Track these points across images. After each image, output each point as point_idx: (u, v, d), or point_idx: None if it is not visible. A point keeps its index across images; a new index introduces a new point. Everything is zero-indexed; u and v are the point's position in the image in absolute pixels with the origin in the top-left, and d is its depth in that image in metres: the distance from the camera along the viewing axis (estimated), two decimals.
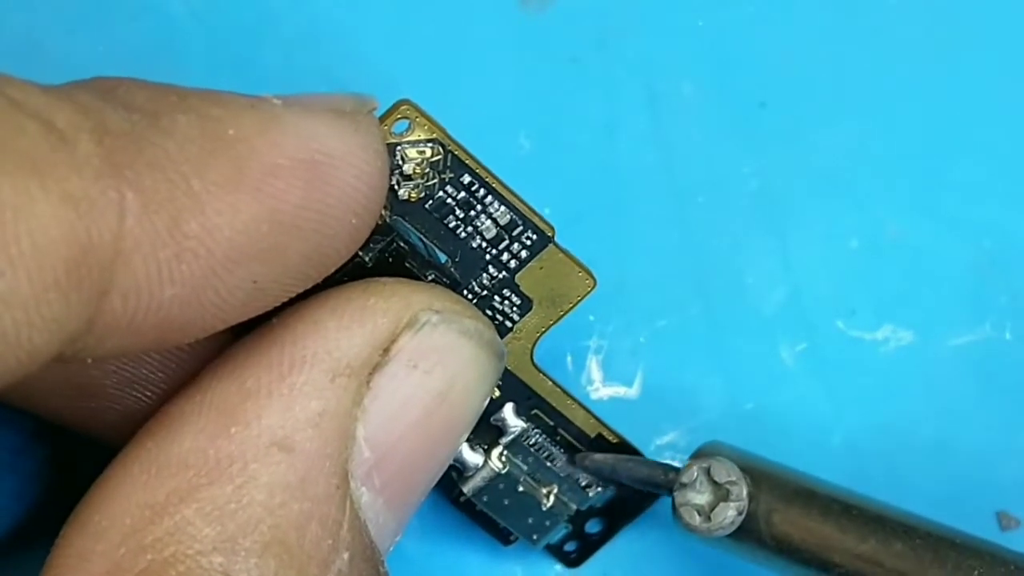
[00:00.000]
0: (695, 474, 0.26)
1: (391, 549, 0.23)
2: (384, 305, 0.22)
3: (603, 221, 0.31)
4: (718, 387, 0.30)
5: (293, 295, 0.22)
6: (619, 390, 0.30)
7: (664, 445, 0.30)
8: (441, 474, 0.24)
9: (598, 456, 0.27)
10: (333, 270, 0.22)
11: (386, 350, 0.22)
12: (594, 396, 0.30)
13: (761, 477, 0.26)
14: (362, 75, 0.31)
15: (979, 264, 0.30)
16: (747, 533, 0.26)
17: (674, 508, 0.26)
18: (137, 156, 0.19)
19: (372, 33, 0.31)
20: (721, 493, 0.26)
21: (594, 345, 0.30)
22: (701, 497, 0.26)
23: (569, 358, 0.29)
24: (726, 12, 0.31)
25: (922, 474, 0.30)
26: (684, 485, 0.26)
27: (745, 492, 0.26)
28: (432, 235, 0.25)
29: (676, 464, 0.27)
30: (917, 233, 0.31)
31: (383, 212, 0.24)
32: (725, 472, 0.26)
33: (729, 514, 0.25)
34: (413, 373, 0.22)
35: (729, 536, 0.26)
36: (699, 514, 0.26)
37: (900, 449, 0.30)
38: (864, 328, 0.30)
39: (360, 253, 0.24)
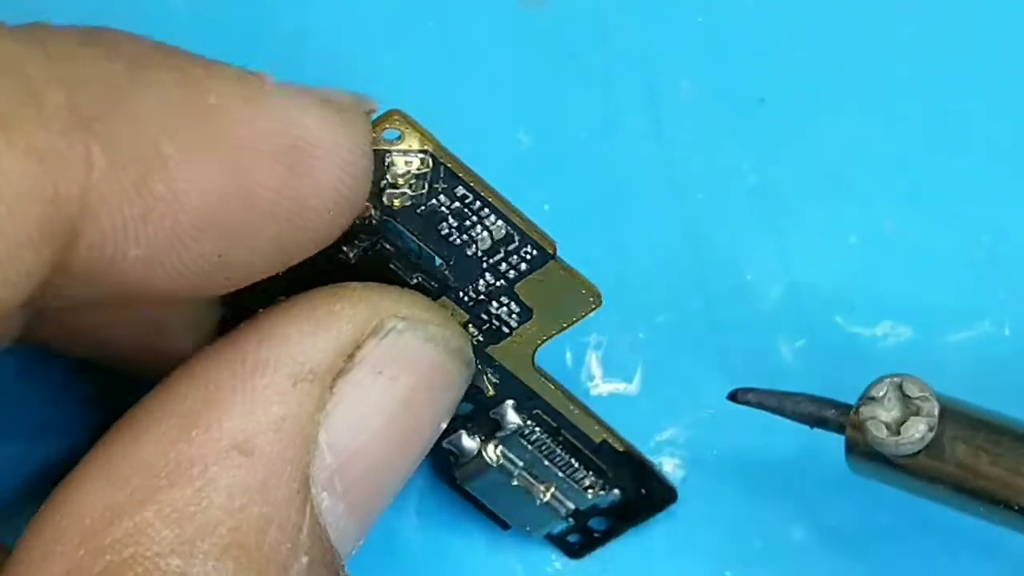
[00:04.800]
0: (885, 389, 0.25)
1: (353, 554, 0.23)
2: (350, 311, 0.23)
3: (602, 217, 0.31)
4: (718, 383, 0.30)
5: (260, 278, 0.22)
6: (619, 386, 0.30)
7: (664, 441, 0.30)
8: (407, 480, 0.23)
9: (761, 392, 0.27)
10: (301, 259, 0.22)
11: (351, 356, 0.22)
12: (594, 392, 0.30)
13: (947, 406, 0.25)
14: (361, 72, 0.31)
15: (978, 260, 0.30)
16: (932, 456, 0.25)
17: (858, 425, 0.25)
18: (109, 108, 0.19)
19: (372, 30, 0.31)
20: (912, 409, 0.25)
21: (593, 341, 0.30)
22: (888, 413, 0.25)
23: (568, 354, 0.29)
24: (725, 8, 0.31)
25: None
26: (872, 399, 0.25)
27: (936, 409, 0.25)
28: (426, 239, 0.24)
29: (837, 400, 0.26)
30: (916, 229, 0.30)
31: (372, 212, 0.24)
32: (917, 388, 0.25)
33: (920, 427, 0.24)
34: (378, 379, 0.22)
35: (910, 459, 0.25)
36: (887, 429, 0.25)
37: None
38: (863, 324, 0.30)
39: (345, 249, 0.24)
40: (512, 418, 0.27)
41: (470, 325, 0.26)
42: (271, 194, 0.21)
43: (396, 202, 0.24)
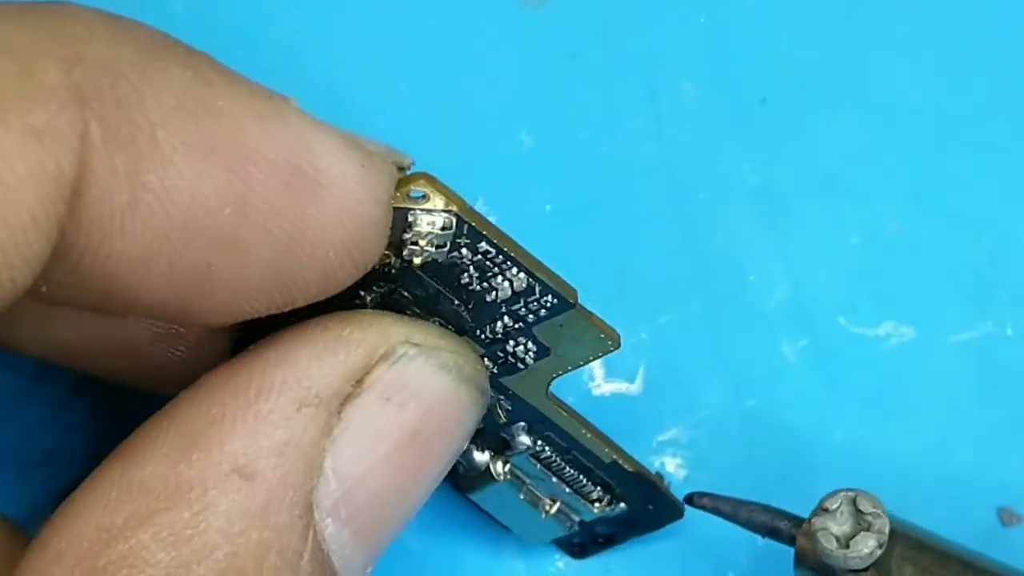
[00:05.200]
0: (839, 502, 0.25)
1: None
2: (360, 336, 0.22)
3: (604, 217, 0.31)
4: (720, 383, 0.30)
5: (256, 312, 0.22)
6: (621, 386, 0.30)
7: (666, 441, 0.30)
8: (418, 509, 0.23)
9: (717, 497, 0.27)
10: (299, 303, 0.22)
11: (359, 381, 0.22)
12: (596, 392, 0.30)
13: (897, 527, 0.26)
14: (363, 73, 0.31)
15: (980, 260, 0.30)
16: (880, 574, 0.25)
17: (807, 534, 0.26)
18: (107, 90, 0.19)
19: (373, 31, 0.31)
20: (863, 524, 0.25)
21: None
22: (840, 527, 0.25)
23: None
24: (726, 8, 0.31)
25: (924, 470, 0.30)
26: (826, 511, 0.25)
27: (887, 527, 0.25)
28: (445, 286, 0.24)
29: (790, 512, 0.27)
30: (918, 229, 0.30)
31: (392, 260, 0.23)
32: (871, 504, 0.25)
33: (870, 543, 0.25)
34: (386, 406, 0.22)
35: (858, 574, 0.25)
36: (837, 542, 0.25)
37: (901, 445, 0.30)
38: (865, 324, 0.30)
39: (362, 293, 0.24)
40: (523, 439, 0.26)
41: (485, 359, 0.25)
42: (267, 209, 0.20)
43: (416, 260, 0.23)
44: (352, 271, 0.22)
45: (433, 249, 0.23)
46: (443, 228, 0.23)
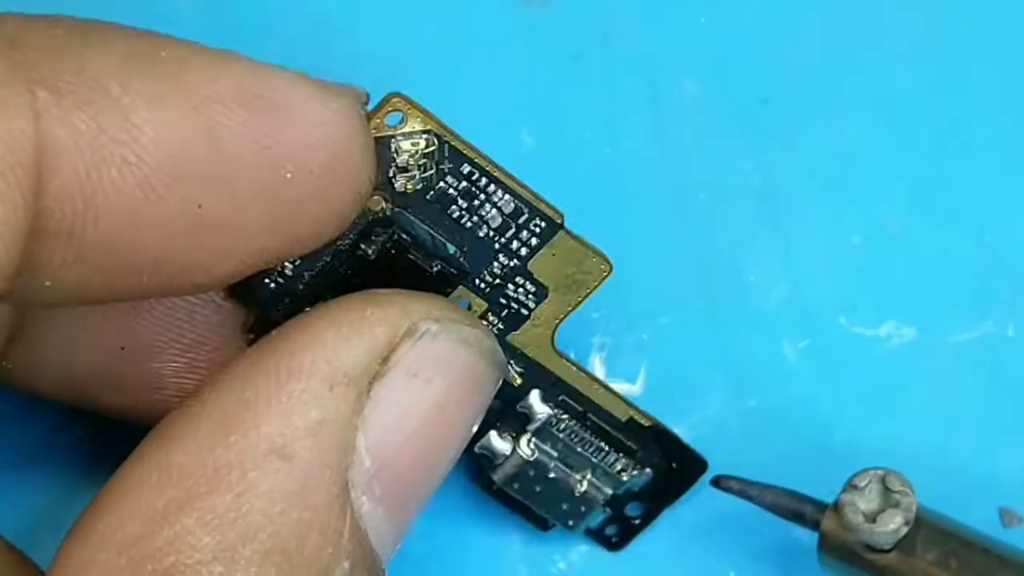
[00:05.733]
0: (868, 480, 0.26)
1: (391, 558, 0.22)
2: (381, 315, 0.22)
3: (605, 218, 0.31)
4: (721, 383, 0.30)
5: (253, 256, 0.22)
6: (622, 386, 0.30)
7: None
8: (441, 483, 0.23)
9: (743, 481, 0.27)
10: (303, 230, 0.22)
11: (385, 359, 0.22)
12: None
13: (923, 512, 0.26)
14: (364, 73, 0.30)
15: (981, 260, 0.30)
16: (904, 553, 0.26)
17: (835, 512, 0.26)
18: (49, 62, 0.19)
19: (374, 31, 0.31)
20: (891, 502, 0.26)
21: (597, 342, 0.30)
22: (867, 503, 0.26)
23: (573, 354, 0.29)
24: (728, 9, 0.31)
25: (925, 470, 0.30)
26: (855, 487, 0.26)
27: (915, 506, 0.26)
28: (438, 226, 0.25)
29: (817, 498, 0.27)
30: (919, 229, 0.31)
31: (384, 204, 0.24)
32: (899, 483, 0.26)
33: (897, 519, 0.25)
34: (413, 383, 0.22)
35: (882, 554, 0.26)
36: (864, 517, 0.26)
37: (903, 445, 0.30)
38: (866, 324, 0.30)
39: (363, 246, 0.24)
40: (539, 408, 0.27)
41: (490, 314, 0.26)
42: (237, 138, 0.21)
43: (409, 185, 0.24)
44: (340, 188, 0.22)
45: (420, 173, 0.24)
46: (426, 147, 0.24)
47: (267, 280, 0.25)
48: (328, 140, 0.22)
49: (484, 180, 0.25)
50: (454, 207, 0.25)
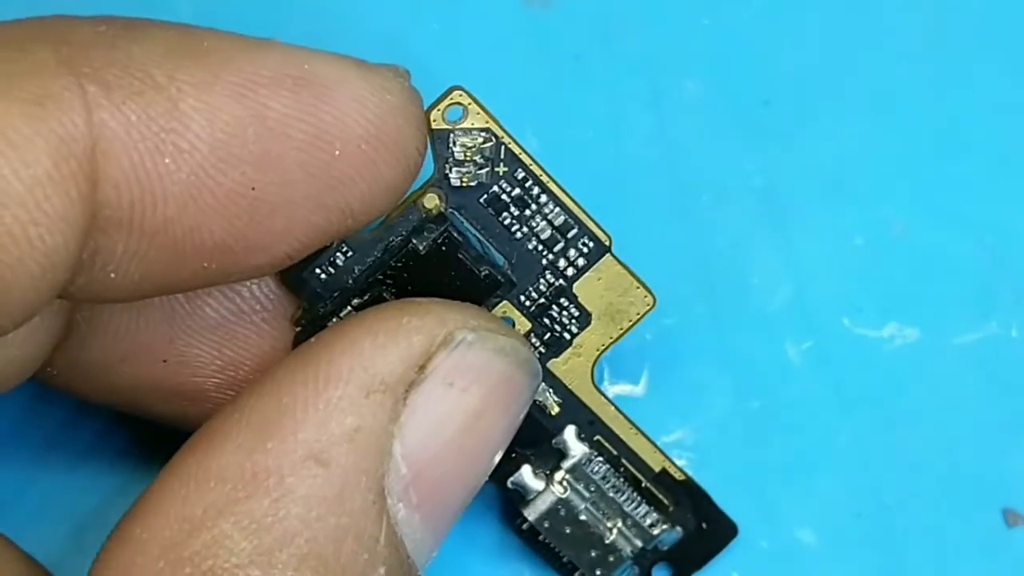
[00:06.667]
0: None
1: (428, 565, 0.23)
2: (418, 323, 0.22)
3: (607, 219, 0.30)
4: (724, 385, 0.30)
5: (313, 233, 0.22)
6: (625, 388, 0.30)
7: (671, 443, 0.30)
8: (477, 491, 0.23)
9: None
10: (356, 205, 0.22)
11: (422, 367, 0.22)
12: None
13: None
14: None
15: (985, 261, 0.30)
16: None
17: None
18: (96, 57, 0.20)
19: (375, 30, 0.31)
20: None
21: None
22: None
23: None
24: (730, 10, 0.31)
25: (928, 471, 0.30)
26: None
27: None
28: (488, 233, 0.25)
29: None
30: (922, 230, 0.31)
31: (439, 202, 0.25)
32: None
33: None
34: (449, 391, 0.22)
35: None
36: None
37: (906, 446, 0.30)
38: (870, 326, 0.30)
39: (414, 240, 0.25)
40: (575, 446, 0.27)
41: (532, 335, 0.26)
42: (284, 118, 0.21)
43: (464, 179, 0.25)
44: (396, 168, 0.23)
45: (476, 169, 0.25)
46: (483, 144, 0.25)
47: (318, 270, 0.25)
48: (371, 115, 0.22)
49: (537, 190, 0.25)
50: (506, 214, 0.25)
